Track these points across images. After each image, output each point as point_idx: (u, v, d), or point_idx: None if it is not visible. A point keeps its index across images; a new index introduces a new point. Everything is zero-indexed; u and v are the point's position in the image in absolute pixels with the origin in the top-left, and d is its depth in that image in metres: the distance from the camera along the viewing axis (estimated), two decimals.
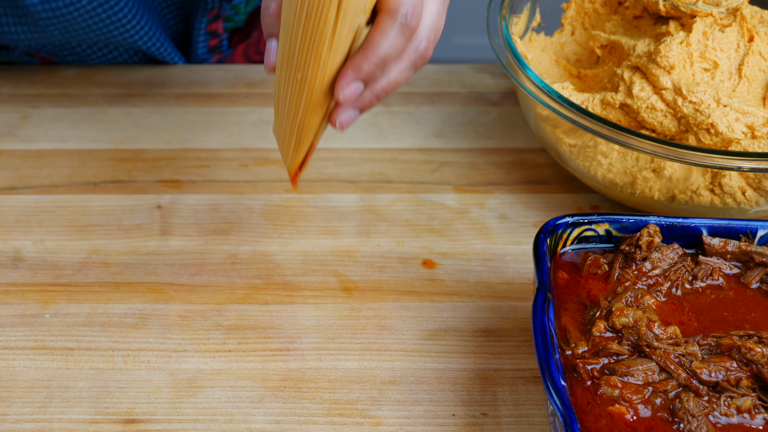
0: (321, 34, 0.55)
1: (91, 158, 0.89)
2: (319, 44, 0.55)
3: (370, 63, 0.57)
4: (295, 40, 0.56)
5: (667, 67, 0.77)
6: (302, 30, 0.55)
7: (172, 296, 0.75)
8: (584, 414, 0.57)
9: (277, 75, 0.61)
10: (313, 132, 0.62)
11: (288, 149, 0.64)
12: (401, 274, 0.78)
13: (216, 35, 1.03)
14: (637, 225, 0.67)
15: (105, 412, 0.67)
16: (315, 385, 0.69)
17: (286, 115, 0.61)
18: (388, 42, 0.56)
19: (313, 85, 0.58)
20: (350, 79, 0.57)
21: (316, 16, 0.54)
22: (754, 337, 0.61)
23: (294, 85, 0.58)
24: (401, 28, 0.56)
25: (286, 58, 0.58)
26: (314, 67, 0.57)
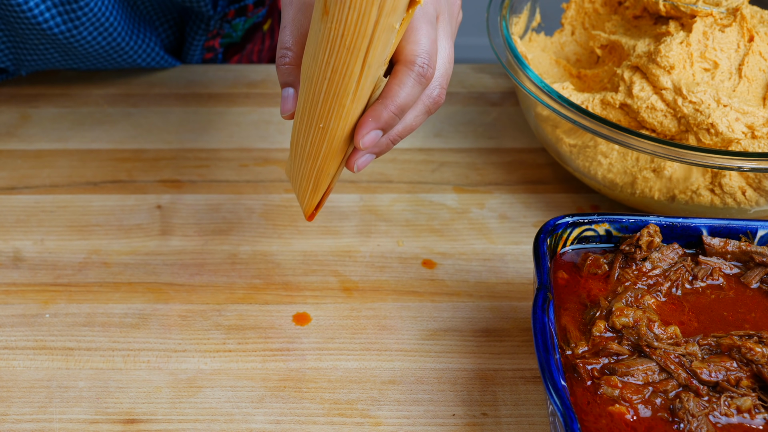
0: (346, 88, 0.57)
1: (91, 158, 0.89)
2: (343, 97, 0.58)
3: (389, 112, 0.59)
4: (319, 92, 0.58)
5: (667, 67, 0.77)
6: (327, 84, 0.57)
7: (172, 296, 0.75)
8: (584, 414, 0.57)
9: (296, 122, 0.63)
10: (331, 176, 0.64)
11: (305, 192, 0.66)
12: (401, 274, 0.78)
13: (213, 50, 1.05)
14: (637, 225, 0.67)
15: (105, 412, 0.67)
16: (315, 385, 0.69)
17: (305, 160, 0.63)
18: (405, 91, 0.59)
19: (334, 134, 0.60)
20: (370, 127, 0.59)
21: (342, 71, 0.56)
22: (754, 337, 0.61)
23: (315, 133, 0.61)
24: (418, 78, 0.59)
25: (308, 108, 0.60)
26: (337, 117, 0.59)
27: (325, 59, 0.56)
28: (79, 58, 0.93)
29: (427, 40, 0.59)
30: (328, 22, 0.55)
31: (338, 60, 0.56)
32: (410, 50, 0.58)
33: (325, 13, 0.55)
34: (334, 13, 0.54)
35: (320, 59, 0.57)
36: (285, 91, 0.63)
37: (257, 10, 1.03)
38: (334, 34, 0.55)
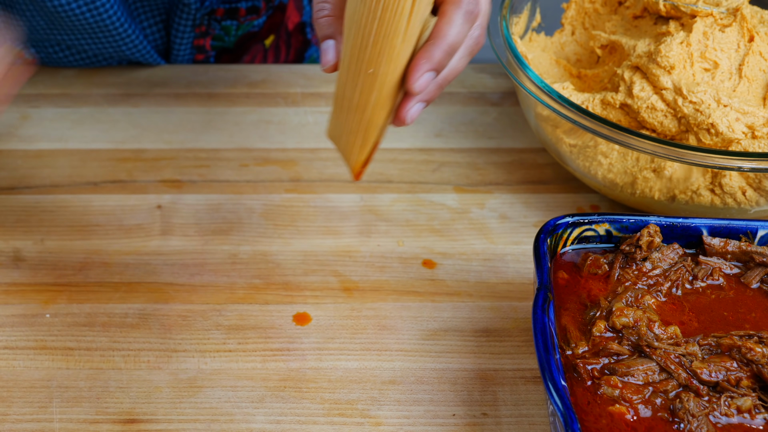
0: (396, 27, 0.56)
1: (91, 158, 0.89)
2: (393, 37, 0.57)
3: (441, 51, 0.58)
4: (368, 35, 0.57)
5: (667, 67, 0.77)
6: (378, 24, 0.56)
7: (172, 296, 0.75)
8: (584, 414, 0.57)
9: (342, 74, 0.61)
10: (380, 127, 0.63)
11: (353, 147, 0.65)
12: (401, 274, 0.78)
13: (203, 51, 1.04)
14: (638, 225, 0.67)
15: (105, 412, 0.67)
16: (315, 385, 0.69)
17: (352, 112, 0.62)
18: (455, 30, 0.58)
19: (384, 79, 0.59)
20: (424, 68, 0.58)
21: (392, 8, 0.56)
22: (754, 337, 0.61)
23: (365, 81, 0.60)
24: (467, 15, 0.58)
25: (356, 55, 0.59)
26: (387, 60, 0.58)
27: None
28: (65, 29, 0.92)
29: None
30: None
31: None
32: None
33: None
34: None
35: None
36: (325, 43, 0.62)
37: (251, 17, 1.04)
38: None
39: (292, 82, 1.00)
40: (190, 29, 1.01)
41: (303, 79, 1.00)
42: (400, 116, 0.61)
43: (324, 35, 0.62)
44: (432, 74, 0.59)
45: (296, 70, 1.02)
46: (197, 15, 0.99)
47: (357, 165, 0.66)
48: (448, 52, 0.59)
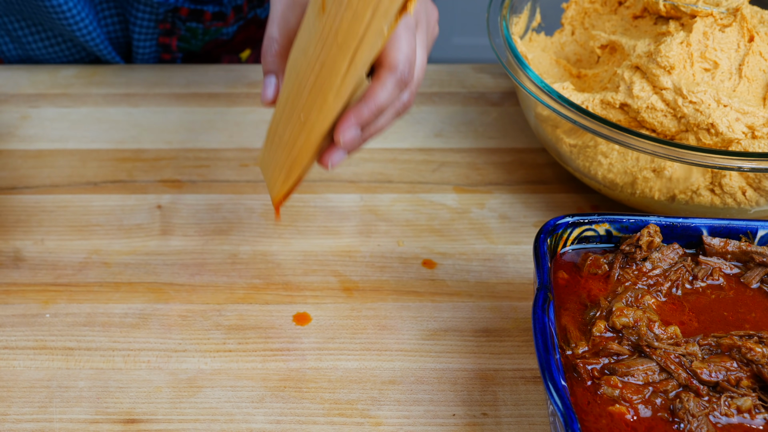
0: (331, 83, 0.60)
1: (91, 158, 0.89)
2: (327, 91, 0.60)
3: (369, 111, 0.62)
4: (304, 85, 0.61)
5: (667, 67, 0.77)
6: (314, 77, 0.60)
7: (172, 296, 0.75)
8: (584, 414, 0.57)
9: (278, 111, 0.66)
10: (303, 167, 0.66)
11: (276, 180, 0.69)
12: (401, 274, 0.78)
13: (169, 50, 1.05)
14: (638, 225, 0.67)
15: (105, 412, 0.67)
16: (315, 385, 0.69)
17: (281, 148, 0.66)
18: (385, 94, 0.62)
19: (313, 126, 0.63)
20: (351, 124, 0.62)
21: (330, 66, 0.59)
22: (754, 337, 0.61)
23: (295, 124, 0.64)
24: (399, 83, 0.63)
25: (292, 98, 0.63)
26: (318, 111, 0.62)
27: (315, 54, 0.59)
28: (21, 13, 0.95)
29: (408, 47, 0.62)
30: (323, 19, 0.58)
31: (328, 56, 0.59)
32: (393, 56, 0.62)
33: (322, 11, 0.57)
34: (330, 11, 0.57)
35: (311, 53, 0.60)
36: (268, 79, 0.66)
37: (217, 23, 1.04)
38: (327, 31, 0.58)
39: None
40: (153, 25, 1.01)
41: None
42: (324, 161, 0.65)
43: (267, 70, 0.66)
44: (357, 130, 0.63)
45: None
46: (160, 9, 0.99)
47: (278, 196, 0.69)
48: (376, 113, 0.63)
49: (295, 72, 0.62)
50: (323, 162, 0.65)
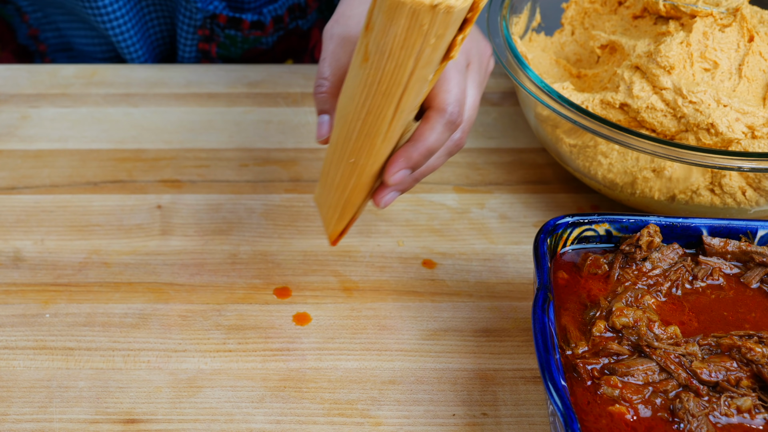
0: (378, 129, 0.60)
1: (91, 158, 0.89)
2: (375, 137, 0.61)
3: (418, 153, 0.62)
4: (353, 130, 0.61)
5: (667, 67, 0.77)
6: (361, 123, 0.60)
7: (172, 296, 0.75)
8: (584, 414, 0.57)
9: (330, 152, 0.66)
10: (357, 207, 0.67)
11: (331, 218, 0.69)
12: (401, 274, 0.78)
13: (209, 57, 1.06)
14: (637, 225, 0.67)
15: (105, 412, 0.67)
16: (315, 385, 0.69)
17: (334, 189, 0.67)
18: (434, 136, 0.62)
19: (363, 169, 0.63)
20: (400, 166, 0.63)
21: (376, 113, 0.59)
22: (754, 337, 0.61)
23: (346, 167, 0.64)
24: (448, 124, 0.63)
25: (341, 142, 0.63)
26: (367, 155, 0.62)
27: (361, 101, 0.59)
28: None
29: (458, 89, 0.62)
30: (367, 68, 0.57)
31: (373, 103, 0.59)
32: (442, 98, 0.62)
33: (365, 60, 0.57)
34: (373, 62, 0.57)
35: (357, 100, 0.59)
36: (321, 117, 0.66)
37: (255, 32, 1.05)
38: (371, 79, 0.58)
39: (292, 82, 1.00)
40: (193, 31, 1.02)
41: (303, 79, 1.00)
42: (377, 201, 0.66)
43: (320, 110, 0.66)
44: (407, 171, 0.63)
45: (296, 70, 1.02)
46: (198, 15, 1.00)
47: (334, 234, 0.70)
48: (425, 154, 0.63)
49: (343, 117, 0.62)
50: (376, 201, 0.65)
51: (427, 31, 0.54)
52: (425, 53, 0.55)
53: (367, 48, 0.57)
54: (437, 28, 0.53)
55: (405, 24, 0.53)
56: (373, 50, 0.56)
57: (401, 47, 0.55)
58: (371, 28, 0.56)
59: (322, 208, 0.71)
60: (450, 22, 0.53)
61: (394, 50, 0.55)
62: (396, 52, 0.55)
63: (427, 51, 0.55)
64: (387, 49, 0.55)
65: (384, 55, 0.56)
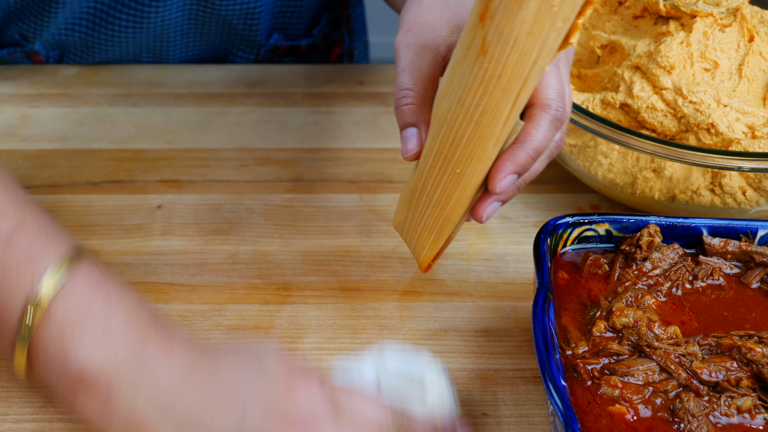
0: (492, 131, 0.56)
1: (92, 158, 0.89)
2: (487, 140, 0.57)
3: (526, 155, 0.58)
4: (461, 136, 0.57)
5: (667, 67, 0.77)
6: (473, 127, 0.56)
7: (172, 296, 0.75)
8: (584, 414, 0.57)
9: (422, 167, 0.61)
10: (455, 224, 0.63)
11: (425, 242, 0.65)
12: (401, 274, 0.78)
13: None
14: (638, 225, 0.67)
15: None
16: None
17: (431, 208, 0.62)
18: (541, 135, 0.59)
19: (470, 179, 0.59)
20: (508, 170, 0.58)
21: (491, 113, 0.55)
22: (754, 337, 0.61)
23: (450, 179, 0.60)
24: (554, 121, 0.59)
25: (444, 153, 0.59)
26: (476, 162, 0.58)
27: (474, 101, 0.55)
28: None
29: (558, 82, 0.59)
30: (485, 62, 0.53)
31: (490, 101, 0.55)
32: (544, 93, 0.59)
33: (482, 53, 0.53)
34: (493, 53, 0.53)
35: (468, 101, 0.56)
36: (407, 132, 0.62)
37: (311, 53, 1.06)
38: (490, 74, 0.54)
39: (292, 82, 1.00)
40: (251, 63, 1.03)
41: (303, 79, 1.00)
42: (478, 214, 0.61)
43: (406, 123, 0.62)
44: (514, 177, 0.59)
45: (296, 70, 1.02)
46: (261, 51, 1.01)
47: (427, 259, 0.66)
48: (533, 156, 0.59)
49: (447, 123, 0.57)
50: (479, 214, 0.61)
51: (556, 14, 0.50)
52: (550, 40, 0.51)
53: (485, 40, 0.53)
54: (566, 10, 0.50)
55: (535, 6, 0.50)
56: (494, 40, 0.52)
57: (528, 33, 0.51)
58: (490, 17, 0.52)
59: (409, 233, 0.66)
60: (577, 3, 0.50)
61: (519, 38, 0.51)
62: (522, 39, 0.52)
63: (552, 37, 0.51)
64: (512, 37, 0.52)
65: (508, 44, 0.52)
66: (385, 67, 1.03)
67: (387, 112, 0.96)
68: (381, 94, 0.99)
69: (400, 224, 0.67)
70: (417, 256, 0.67)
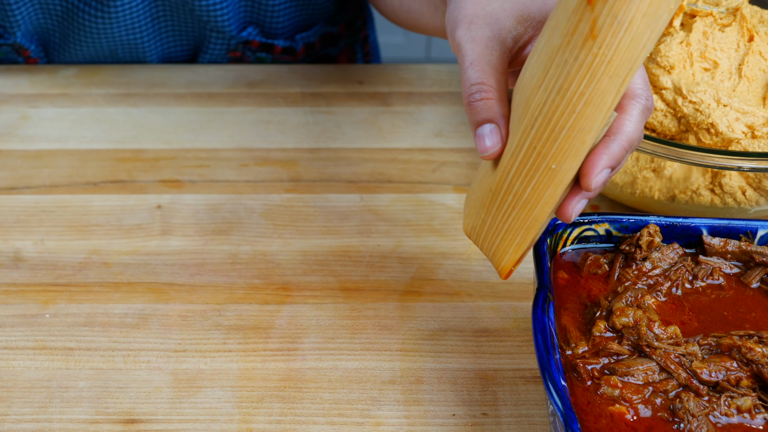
0: (593, 122, 0.53)
1: (91, 158, 0.89)
2: (587, 132, 0.53)
3: (620, 147, 0.56)
4: (559, 129, 0.54)
5: (667, 66, 0.77)
6: (574, 118, 0.53)
7: (172, 296, 0.75)
8: (584, 414, 0.57)
9: (508, 166, 0.58)
10: (541, 224, 0.59)
11: (507, 246, 0.61)
12: (401, 274, 0.78)
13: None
14: (637, 225, 0.67)
15: (105, 412, 0.67)
16: (315, 385, 0.69)
17: (518, 208, 0.58)
18: (633, 125, 0.56)
19: (564, 175, 0.56)
20: (603, 164, 0.55)
21: (596, 103, 0.52)
22: (754, 337, 0.61)
23: (542, 176, 0.56)
24: (645, 111, 0.57)
25: (536, 147, 0.55)
26: (573, 156, 0.55)
27: (579, 90, 0.52)
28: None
29: (643, 70, 0.57)
30: (594, 47, 0.51)
31: (596, 90, 0.52)
32: (634, 82, 0.56)
33: (591, 37, 0.50)
34: (605, 37, 0.50)
35: (571, 91, 0.53)
36: (483, 128, 0.58)
37: (286, 56, 1.06)
38: (599, 60, 0.51)
39: (292, 82, 1.00)
40: (224, 53, 1.03)
41: (303, 79, 1.00)
42: (567, 212, 0.58)
43: (482, 119, 0.58)
44: (609, 171, 0.56)
45: (296, 70, 1.02)
46: (232, 41, 1.01)
47: (509, 264, 0.62)
48: (627, 148, 0.56)
49: (544, 116, 0.54)
50: (567, 213, 0.57)
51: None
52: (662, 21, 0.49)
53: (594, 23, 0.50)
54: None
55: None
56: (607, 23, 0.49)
57: (644, 15, 0.49)
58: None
59: (488, 238, 0.62)
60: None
61: (635, 19, 0.49)
62: (637, 20, 0.49)
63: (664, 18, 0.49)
64: (627, 19, 0.49)
65: (622, 27, 0.49)
66: (385, 67, 1.03)
67: (387, 111, 0.96)
68: (381, 94, 0.99)
69: (474, 229, 0.63)
70: (497, 262, 0.62)
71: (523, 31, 0.61)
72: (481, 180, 0.62)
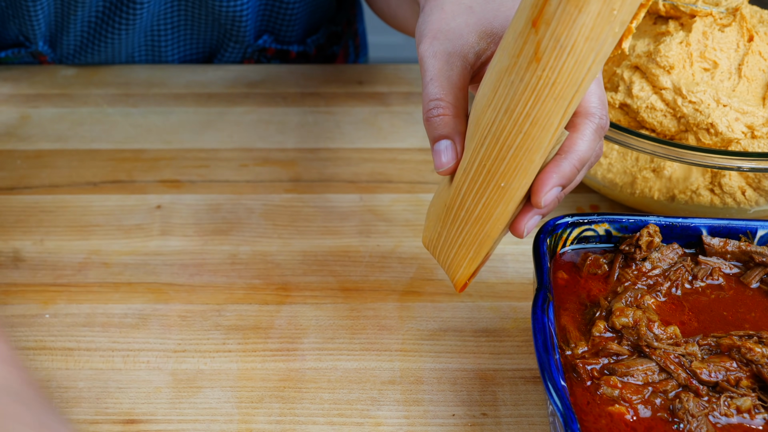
0: (540, 142, 0.54)
1: (91, 158, 0.89)
2: (534, 152, 0.54)
3: (571, 166, 0.56)
4: (507, 148, 0.55)
5: (666, 66, 0.77)
6: (521, 138, 0.54)
7: (172, 296, 0.75)
8: (584, 414, 0.57)
9: (459, 182, 0.59)
10: (494, 240, 0.60)
11: (461, 260, 0.62)
12: (401, 274, 0.78)
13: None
14: (637, 225, 0.67)
15: (105, 412, 0.67)
16: (315, 385, 0.69)
17: (469, 225, 0.60)
18: (586, 144, 0.56)
19: (513, 193, 0.57)
20: (553, 183, 0.56)
21: (542, 124, 0.53)
22: (754, 337, 0.61)
23: (492, 194, 0.57)
24: (598, 130, 0.57)
25: (486, 165, 0.56)
26: (522, 175, 0.56)
27: (525, 111, 0.53)
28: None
29: (600, 89, 0.57)
30: (538, 69, 0.51)
31: (541, 111, 0.53)
32: (588, 101, 0.57)
33: (536, 60, 0.51)
34: (548, 60, 0.51)
35: (517, 112, 0.53)
36: (439, 144, 0.59)
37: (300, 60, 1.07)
38: (544, 82, 0.52)
39: (292, 82, 1.00)
40: (239, 60, 1.04)
41: (302, 79, 1.00)
42: (519, 229, 0.59)
43: (439, 135, 0.59)
44: (559, 189, 0.57)
45: (296, 70, 1.02)
46: (249, 49, 1.01)
47: (463, 278, 0.63)
48: (578, 167, 0.57)
49: (492, 135, 0.55)
50: (519, 229, 0.58)
51: (615, 18, 0.48)
52: (606, 45, 0.49)
53: (539, 46, 0.50)
54: (624, 14, 0.48)
55: (596, 10, 0.48)
56: (550, 46, 0.50)
57: (586, 39, 0.49)
58: (545, 22, 0.50)
59: (442, 251, 0.63)
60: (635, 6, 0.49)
61: (577, 43, 0.49)
62: (579, 45, 0.49)
63: (609, 42, 0.49)
64: (570, 43, 0.50)
65: (565, 51, 0.50)
66: (385, 67, 1.03)
67: (387, 112, 0.96)
68: (380, 94, 0.99)
69: (432, 242, 0.64)
70: (452, 275, 0.64)
71: (485, 47, 0.60)
72: (439, 194, 0.63)
